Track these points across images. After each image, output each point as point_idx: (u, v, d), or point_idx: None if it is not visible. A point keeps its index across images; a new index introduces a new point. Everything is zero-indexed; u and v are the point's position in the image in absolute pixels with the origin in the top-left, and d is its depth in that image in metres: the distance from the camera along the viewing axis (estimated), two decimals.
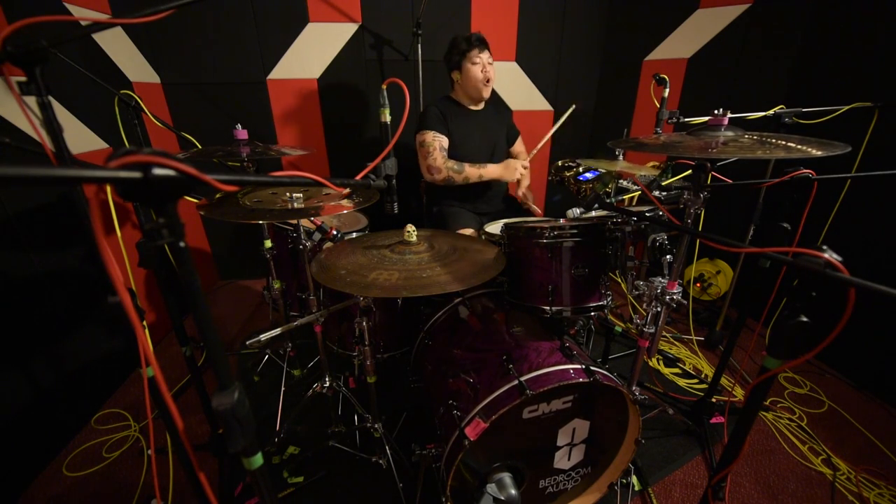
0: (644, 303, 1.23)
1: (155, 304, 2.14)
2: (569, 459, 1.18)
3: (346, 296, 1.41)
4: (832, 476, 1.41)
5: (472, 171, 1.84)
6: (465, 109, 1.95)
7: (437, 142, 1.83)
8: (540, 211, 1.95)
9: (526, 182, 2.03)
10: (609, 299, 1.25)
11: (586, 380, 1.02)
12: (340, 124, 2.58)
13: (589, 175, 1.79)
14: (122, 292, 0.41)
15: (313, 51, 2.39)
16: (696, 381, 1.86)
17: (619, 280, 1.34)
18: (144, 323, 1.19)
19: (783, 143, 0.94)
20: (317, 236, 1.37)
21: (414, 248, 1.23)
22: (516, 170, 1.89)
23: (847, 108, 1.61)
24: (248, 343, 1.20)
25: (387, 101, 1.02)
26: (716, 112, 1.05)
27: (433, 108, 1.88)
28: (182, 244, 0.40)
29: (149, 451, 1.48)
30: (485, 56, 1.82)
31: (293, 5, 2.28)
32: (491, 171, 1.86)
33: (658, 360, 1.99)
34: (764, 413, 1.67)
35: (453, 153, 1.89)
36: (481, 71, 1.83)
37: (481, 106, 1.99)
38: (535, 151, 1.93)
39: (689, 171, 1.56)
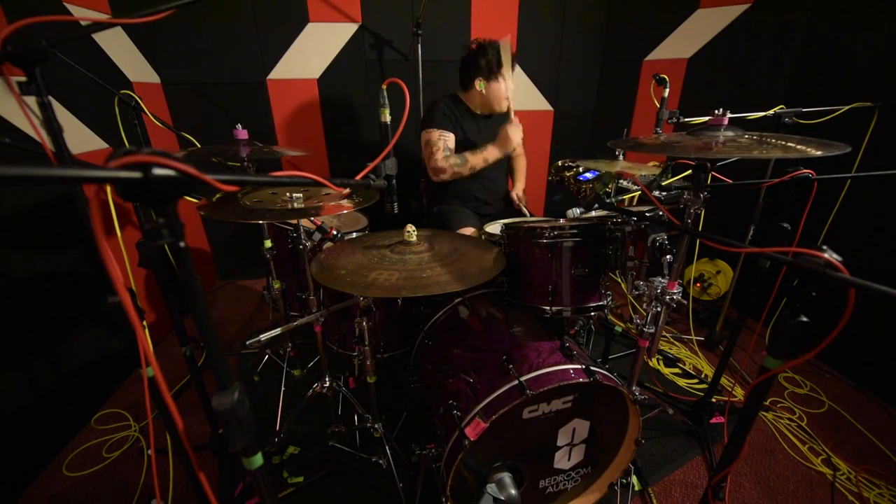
0: (644, 303, 1.23)
1: (155, 304, 2.14)
2: (569, 459, 1.18)
3: (346, 296, 1.41)
4: (832, 476, 1.41)
5: (476, 160, 1.79)
6: (472, 113, 1.93)
7: (443, 141, 1.79)
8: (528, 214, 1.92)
9: (522, 181, 1.98)
10: (609, 299, 1.25)
11: (586, 380, 1.02)
12: (340, 124, 2.58)
13: (589, 175, 1.78)
14: (122, 292, 0.41)
15: (313, 51, 2.39)
16: (696, 381, 1.86)
17: (619, 280, 1.34)
18: (144, 323, 1.19)
19: (782, 143, 0.94)
20: (317, 236, 1.37)
21: (414, 248, 1.23)
22: (510, 139, 1.78)
23: (847, 108, 1.61)
24: (248, 343, 1.20)
25: (387, 101, 1.02)
26: (716, 112, 1.05)
27: (441, 105, 1.84)
28: (182, 244, 0.40)
29: (149, 451, 1.48)
30: (511, 72, 1.80)
31: (293, 5, 2.28)
32: (493, 153, 1.80)
33: (658, 360, 1.99)
34: (764, 413, 1.67)
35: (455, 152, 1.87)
36: (506, 90, 1.81)
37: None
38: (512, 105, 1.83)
39: (689, 171, 1.56)
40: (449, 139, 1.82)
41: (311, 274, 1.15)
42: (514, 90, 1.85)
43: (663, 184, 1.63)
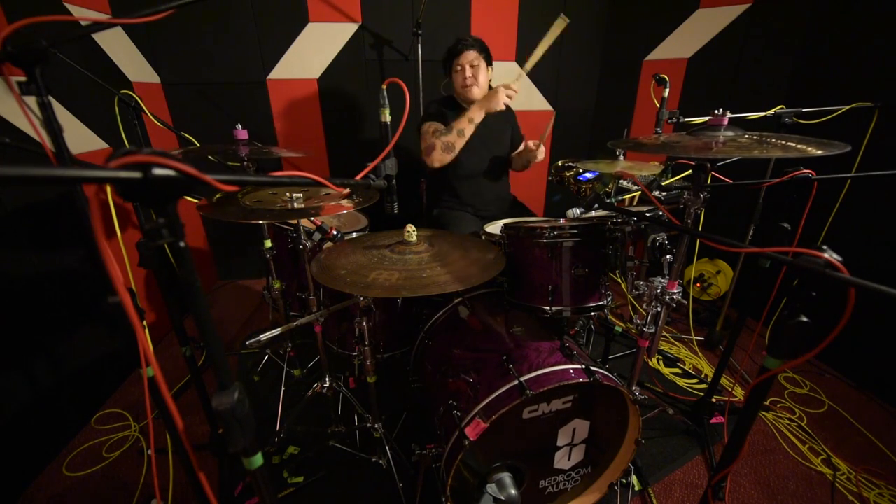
0: (644, 303, 1.23)
1: (155, 304, 2.14)
2: (569, 459, 1.18)
3: (346, 296, 1.41)
4: (832, 476, 1.41)
5: (459, 123, 1.70)
6: (464, 109, 1.93)
7: (434, 129, 1.80)
8: (542, 154, 1.85)
9: (541, 152, 1.87)
10: (609, 299, 1.25)
11: (586, 380, 1.02)
12: (340, 124, 2.58)
13: (589, 175, 1.78)
14: (122, 292, 0.41)
15: (313, 51, 2.39)
16: (696, 381, 1.86)
17: (619, 280, 1.34)
18: (144, 323, 1.19)
19: (782, 142, 0.94)
20: (317, 236, 1.38)
21: (414, 248, 1.23)
22: (500, 96, 1.67)
23: (847, 108, 1.61)
24: (248, 343, 1.20)
25: (387, 101, 1.02)
26: (716, 112, 1.05)
27: (434, 104, 1.90)
28: (182, 244, 0.40)
29: (149, 451, 1.48)
30: (470, 56, 1.78)
31: (293, 5, 2.28)
32: (474, 110, 1.70)
33: (658, 360, 1.99)
34: (764, 413, 1.67)
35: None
36: (462, 77, 1.81)
37: None
38: (517, 77, 1.69)
39: (689, 171, 1.56)
40: (440, 128, 1.81)
41: (311, 274, 1.15)
42: (482, 72, 1.81)
43: (663, 184, 1.63)
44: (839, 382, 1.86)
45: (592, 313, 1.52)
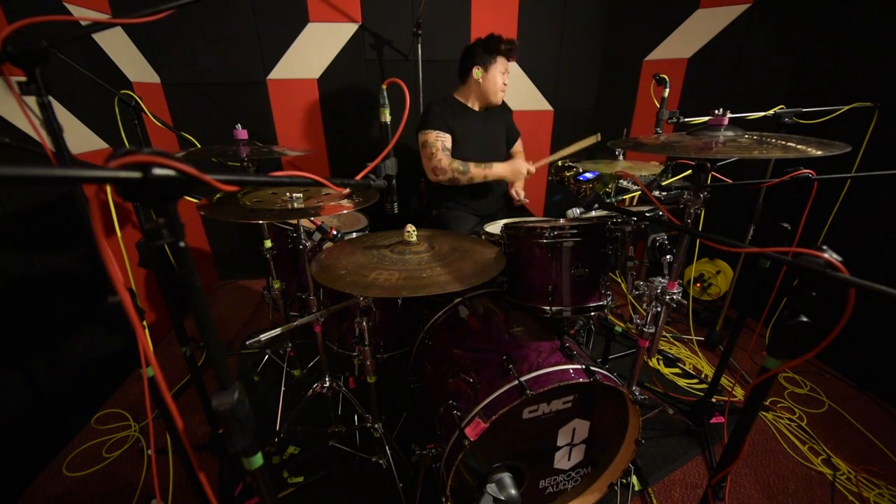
0: (644, 303, 1.23)
1: (155, 304, 2.14)
2: (569, 459, 1.18)
3: (346, 296, 1.41)
4: (832, 476, 1.41)
5: (477, 172, 1.83)
6: (468, 109, 1.94)
7: (441, 142, 1.81)
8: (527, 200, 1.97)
9: (521, 186, 2.04)
10: (609, 299, 1.25)
11: (586, 380, 1.02)
12: (340, 124, 2.58)
13: (589, 175, 1.78)
14: (122, 292, 0.41)
15: (313, 51, 2.39)
16: (696, 381, 1.86)
17: (619, 280, 1.34)
18: (144, 323, 1.19)
19: (782, 143, 0.94)
20: (317, 236, 1.38)
21: (414, 248, 1.23)
22: (521, 173, 1.89)
23: (847, 108, 1.61)
24: (248, 343, 1.20)
25: (387, 101, 1.02)
26: (716, 112, 1.05)
27: (435, 107, 1.87)
28: (182, 244, 0.40)
29: (149, 451, 1.48)
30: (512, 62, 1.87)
31: (293, 5, 2.28)
32: (496, 170, 1.85)
33: (658, 360, 1.99)
34: (764, 413, 1.67)
35: (454, 151, 1.87)
36: (503, 82, 1.86)
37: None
38: (543, 163, 1.94)
39: (689, 171, 1.56)
40: (446, 140, 1.83)
41: (311, 274, 1.15)
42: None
43: (663, 184, 1.63)
44: (839, 382, 1.86)
45: (592, 313, 1.52)
